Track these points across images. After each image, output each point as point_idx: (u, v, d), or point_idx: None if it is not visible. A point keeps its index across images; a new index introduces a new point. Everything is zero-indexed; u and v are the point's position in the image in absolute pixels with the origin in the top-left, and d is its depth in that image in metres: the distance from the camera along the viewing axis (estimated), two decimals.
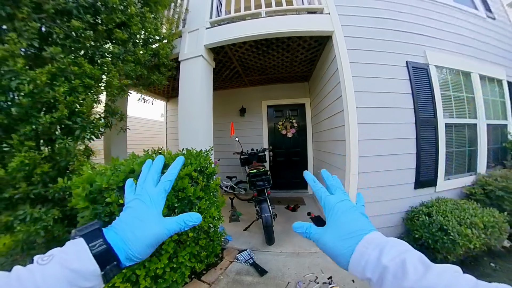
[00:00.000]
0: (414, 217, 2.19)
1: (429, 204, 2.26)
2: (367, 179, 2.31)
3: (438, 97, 2.54)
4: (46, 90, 1.39)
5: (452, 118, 2.69)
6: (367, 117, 2.32)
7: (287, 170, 4.44)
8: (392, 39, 2.50)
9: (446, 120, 2.60)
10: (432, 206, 2.18)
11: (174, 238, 1.56)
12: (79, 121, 1.62)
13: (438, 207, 2.14)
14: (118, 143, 3.22)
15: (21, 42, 1.22)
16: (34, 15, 1.29)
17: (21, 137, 1.33)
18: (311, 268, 2.00)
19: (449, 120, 2.66)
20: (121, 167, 1.48)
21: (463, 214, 1.98)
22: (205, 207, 1.77)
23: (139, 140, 6.02)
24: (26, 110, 1.33)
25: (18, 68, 1.23)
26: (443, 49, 2.72)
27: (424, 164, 2.46)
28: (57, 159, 1.55)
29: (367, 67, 2.38)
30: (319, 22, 2.48)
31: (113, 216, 1.33)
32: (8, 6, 1.19)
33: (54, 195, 1.46)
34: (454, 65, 2.75)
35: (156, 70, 2.39)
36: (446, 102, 2.63)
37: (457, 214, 2.00)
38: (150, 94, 4.44)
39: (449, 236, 1.84)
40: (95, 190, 1.31)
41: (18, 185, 1.32)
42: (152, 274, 1.45)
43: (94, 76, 1.63)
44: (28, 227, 1.29)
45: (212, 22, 2.72)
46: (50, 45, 1.37)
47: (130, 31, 1.84)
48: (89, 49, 1.60)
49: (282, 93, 4.35)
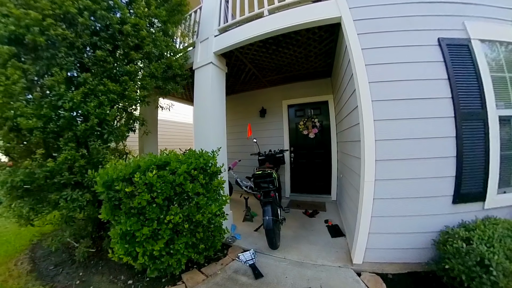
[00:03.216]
0: (448, 240, 1.74)
1: (471, 225, 1.79)
2: (386, 188, 2.03)
3: (487, 82, 2.01)
4: (81, 105, 1.95)
5: (510, 109, 2.10)
6: (386, 112, 2.04)
7: (309, 173, 4.34)
8: (416, 13, 2.11)
9: (500, 111, 2.03)
10: (475, 229, 1.71)
11: (169, 227, 1.85)
12: (106, 128, 2.17)
13: (483, 231, 1.66)
14: (150, 144, 3.94)
15: (62, 73, 1.80)
16: (70, 52, 1.87)
17: (65, 140, 1.93)
18: (310, 282, 1.93)
19: (505, 111, 2.06)
20: (131, 164, 1.91)
21: None
22: (203, 203, 2.01)
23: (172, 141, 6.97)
24: (68, 120, 1.92)
25: (61, 92, 1.82)
26: (489, 17, 2.11)
27: (467, 171, 1.98)
28: (91, 156, 2.13)
29: (385, 52, 2.09)
30: (324, 10, 2.33)
31: (121, 200, 1.75)
32: (51, 49, 1.79)
33: (87, 183, 2.02)
34: (509, 37, 2.12)
35: (172, 80, 2.84)
36: (499, 87, 2.07)
37: (508, 245, 1.52)
38: (179, 99, 5.18)
39: (490, 275, 1.40)
40: (109, 180, 1.75)
41: (63, 174, 1.93)
42: (148, 254, 1.79)
43: (116, 91, 2.15)
44: (68, 204, 1.86)
45: (220, 29, 3.03)
46: (82, 72, 1.93)
47: (143, 51, 2.32)
48: (110, 71, 2.13)
49: (303, 91, 4.31)
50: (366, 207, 2.05)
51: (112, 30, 2.08)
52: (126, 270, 2.16)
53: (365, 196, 2.05)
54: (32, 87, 1.89)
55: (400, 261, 2.07)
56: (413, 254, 2.05)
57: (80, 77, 1.93)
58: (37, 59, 1.87)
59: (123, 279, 2.07)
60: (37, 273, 2.22)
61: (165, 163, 1.95)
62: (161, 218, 1.80)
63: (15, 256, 2.59)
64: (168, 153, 2.13)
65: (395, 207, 2.04)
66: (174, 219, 1.81)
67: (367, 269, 2.05)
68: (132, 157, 2.52)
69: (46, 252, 2.59)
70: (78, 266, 2.26)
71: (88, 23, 1.91)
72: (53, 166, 1.84)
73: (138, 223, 1.75)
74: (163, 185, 1.80)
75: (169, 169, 1.89)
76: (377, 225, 2.08)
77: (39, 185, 1.91)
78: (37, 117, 1.80)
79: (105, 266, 2.25)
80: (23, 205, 1.92)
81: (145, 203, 1.73)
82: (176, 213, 1.84)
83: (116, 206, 1.81)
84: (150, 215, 1.76)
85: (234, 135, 4.98)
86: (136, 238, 1.74)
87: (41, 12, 1.77)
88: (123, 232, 1.73)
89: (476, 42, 2.05)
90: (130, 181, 1.77)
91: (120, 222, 1.76)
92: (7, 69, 1.75)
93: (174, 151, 2.21)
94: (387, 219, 2.06)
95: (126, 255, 1.78)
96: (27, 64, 1.81)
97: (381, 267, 2.05)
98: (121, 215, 1.78)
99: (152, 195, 1.76)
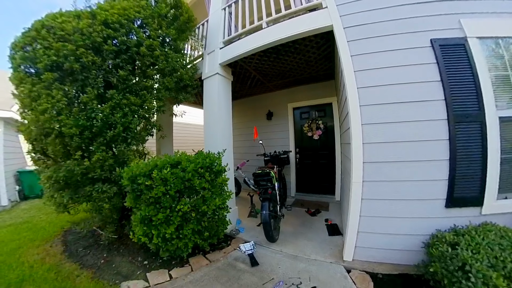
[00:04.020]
0: (435, 244, 1.76)
1: (462, 231, 1.78)
2: (375, 189, 2.12)
3: (485, 82, 1.96)
4: (110, 116, 2.43)
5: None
6: (375, 116, 2.13)
7: (314, 173, 4.53)
8: (407, 15, 2.12)
9: (501, 112, 1.95)
10: (464, 234, 1.69)
11: (179, 214, 2.24)
12: (130, 134, 2.63)
13: (472, 237, 1.63)
14: (166, 145, 4.48)
15: (94, 91, 2.29)
16: (99, 73, 2.36)
17: (98, 144, 2.43)
18: (301, 273, 2.12)
19: (508, 112, 1.97)
20: (150, 163, 2.34)
21: (508, 255, 1.44)
22: (208, 196, 2.40)
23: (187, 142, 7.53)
24: (99, 129, 2.41)
25: (94, 106, 2.32)
26: (489, 11, 2.02)
27: (461, 175, 1.96)
28: (118, 157, 2.62)
29: (375, 57, 2.16)
30: (317, 19, 2.48)
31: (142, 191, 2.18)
32: (84, 72, 2.29)
33: (114, 178, 2.51)
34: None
35: (183, 91, 3.27)
36: (502, 87, 1.99)
37: (495, 252, 1.46)
38: (192, 104, 5.69)
39: (468, 282, 1.38)
40: (134, 175, 2.20)
41: (96, 171, 2.44)
42: (161, 236, 2.19)
43: (137, 104, 2.61)
44: (99, 195, 2.36)
45: (224, 41, 3.39)
46: (110, 89, 2.41)
47: (158, 67, 2.75)
48: (132, 87, 2.59)
49: (307, 94, 4.52)
50: (355, 206, 2.18)
51: (131, 52, 2.54)
52: (143, 253, 2.61)
53: (354, 196, 2.17)
54: (71, 103, 2.42)
55: (391, 262, 2.13)
56: (404, 256, 2.09)
57: (108, 93, 2.42)
58: (74, 81, 2.41)
59: (139, 260, 2.52)
60: (68, 253, 2.74)
61: (177, 162, 2.35)
62: (173, 207, 2.21)
63: (50, 240, 3.16)
64: (180, 154, 2.53)
65: (385, 208, 2.11)
66: (184, 208, 2.20)
67: (357, 267, 2.16)
68: (151, 157, 2.98)
69: (76, 237, 3.16)
70: (103, 249, 2.76)
71: (111, 49, 2.39)
72: (88, 164, 2.35)
73: (155, 210, 2.18)
74: (175, 180, 2.20)
75: (180, 167, 2.29)
76: (366, 224, 2.17)
77: (76, 180, 2.44)
78: (76, 127, 2.31)
79: (125, 250, 2.74)
80: (64, 196, 2.47)
81: (160, 194, 2.14)
82: (185, 204, 2.23)
83: (138, 196, 2.26)
84: (164, 204, 2.18)
85: (243, 137, 5.34)
86: (153, 222, 2.17)
87: (75, 43, 2.30)
88: (142, 217, 2.17)
89: (473, 40, 1.99)
90: (149, 176, 2.20)
91: (141, 208, 2.21)
92: (53, 91, 2.30)
93: (185, 152, 2.60)
94: (377, 219, 2.15)
95: (144, 236, 2.22)
96: (66, 86, 2.35)
97: (372, 266, 2.13)
98: (142, 203, 2.23)
99: (166, 188, 2.17)
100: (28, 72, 2.49)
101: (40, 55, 2.28)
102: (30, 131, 2.48)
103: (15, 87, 2.56)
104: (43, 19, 2.45)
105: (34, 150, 2.66)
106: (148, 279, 2.15)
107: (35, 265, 2.44)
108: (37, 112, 2.32)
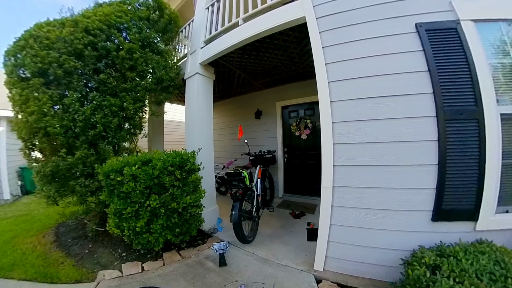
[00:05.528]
0: (413, 264, 1.54)
1: (448, 249, 1.53)
2: (347, 196, 2.01)
3: (483, 72, 1.71)
4: (91, 117, 2.74)
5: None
6: (348, 113, 1.99)
7: (302, 174, 4.62)
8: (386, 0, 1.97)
9: (503, 108, 1.70)
10: (450, 256, 1.45)
11: (148, 209, 2.51)
12: (110, 133, 2.93)
13: (458, 261, 1.39)
14: (157, 143, 4.79)
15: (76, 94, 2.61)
16: (81, 77, 2.66)
17: (80, 142, 2.77)
18: (266, 278, 2.13)
19: (511, 108, 1.71)
20: (124, 160, 2.60)
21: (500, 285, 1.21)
22: (178, 194, 2.63)
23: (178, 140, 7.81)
24: (82, 128, 2.73)
25: (76, 107, 2.63)
26: None
27: (452, 183, 1.73)
28: (99, 154, 2.92)
29: (350, 47, 2.03)
30: (290, 11, 2.45)
31: (115, 186, 2.45)
32: (67, 77, 2.61)
33: (96, 174, 2.81)
34: None
35: (164, 91, 3.52)
36: (503, 78, 1.75)
37: (484, 286, 1.21)
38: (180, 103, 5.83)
39: None
40: (107, 171, 2.49)
41: (79, 166, 2.79)
42: (132, 229, 2.45)
43: (116, 105, 2.90)
44: (82, 189, 2.68)
45: (205, 41, 3.60)
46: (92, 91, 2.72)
47: (137, 70, 3.02)
48: (112, 89, 2.88)
49: (296, 92, 4.62)
50: (325, 213, 2.11)
51: (111, 56, 2.82)
52: (123, 246, 2.93)
53: (323, 202, 2.10)
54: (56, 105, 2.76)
55: (367, 276, 2.02)
56: (381, 271, 1.94)
57: (90, 95, 2.73)
58: (58, 85, 2.77)
59: (119, 251, 2.85)
60: (58, 243, 3.14)
61: (149, 160, 2.60)
62: (142, 202, 2.48)
63: (44, 231, 3.60)
64: (153, 152, 2.77)
65: (358, 218, 1.98)
66: (152, 204, 2.46)
67: (329, 277, 2.08)
68: None
69: (67, 229, 3.58)
70: (89, 241, 3.14)
71: (92, 54, 2.69)
72: (72, 160, 2.70)
73: (125, 204, 2.47)
74: (145, 177, 2.46)
75: (151, 165, 2.52)
76: (337, 234, 2.09)
77: (62, 175, 2.82)
78: (60, 127, 2.64)
79: (109, 242, 3.08)
80: (51, 188, 2.86)
81: (130, 189, 2.42)
82: (154, 200, 2.47)
83: (111, 191, 2.57)
84: (134, 198, 2.46)
85: (231, 136, 5.55)
86: (123, 215, 2.46)
87: (58, 51, 2.64)
88: (115, 210, 2.47)
89: (467, 23, 1.78)
90: (121, 172, 2.48)
91: (114, 202, 2.50)
92: (39, 94, 2.64)
93: (158, 151, 2.84)
94: (350, 229, 2.04)
95: (116, 228, 2.51)
96: (51, 90, 2.69)
97: (345, 278, 2.05)
98: (114, 197, 2.54)
99: (136, 184, 2.42)
100: (22, 76, 2.87)
101: (28, 62, 2.65)
102: (22, 130, 2.87)
103: (8, 91, 2.97)
104: (31, 29, 2.85)
105: (26, 148, 3.06)
106: (122, 270, 2.43)
107: (27, 252, 2.85)
108: (26, 113, 2.69)
